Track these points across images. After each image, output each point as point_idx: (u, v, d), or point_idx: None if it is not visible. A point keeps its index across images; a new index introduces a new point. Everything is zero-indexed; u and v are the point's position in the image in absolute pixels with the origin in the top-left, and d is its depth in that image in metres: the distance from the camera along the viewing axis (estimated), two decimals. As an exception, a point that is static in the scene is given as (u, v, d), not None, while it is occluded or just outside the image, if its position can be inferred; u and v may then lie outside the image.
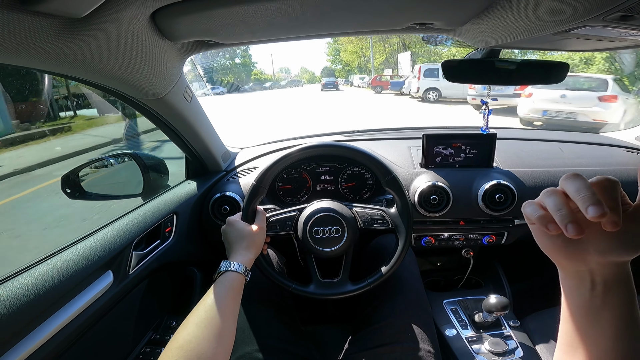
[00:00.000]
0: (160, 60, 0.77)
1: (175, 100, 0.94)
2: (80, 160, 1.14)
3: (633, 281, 0.38)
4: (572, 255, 0.39)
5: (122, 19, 0.55)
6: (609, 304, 0.37)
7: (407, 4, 0.64)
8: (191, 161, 1.29)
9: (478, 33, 0.74)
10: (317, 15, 0.68)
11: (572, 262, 0.39)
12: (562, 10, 0.52)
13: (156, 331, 1.12)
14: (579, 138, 1.56)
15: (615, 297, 0.37)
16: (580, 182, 0.34)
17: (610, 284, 0.37)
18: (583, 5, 0.49)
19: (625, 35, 0.62)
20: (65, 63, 0.58)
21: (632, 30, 0.57)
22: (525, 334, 1.11)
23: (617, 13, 0.48)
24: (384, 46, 31.70)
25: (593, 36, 0.63)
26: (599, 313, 0.38)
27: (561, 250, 0.39)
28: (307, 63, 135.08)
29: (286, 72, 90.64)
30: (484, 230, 1.30)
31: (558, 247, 0.39)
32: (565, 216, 0.34)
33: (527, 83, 0.94)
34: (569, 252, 0.39)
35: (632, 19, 0.50)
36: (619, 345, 0.37)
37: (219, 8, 0.59)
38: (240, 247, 0.84)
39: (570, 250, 0.39)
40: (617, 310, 0.37)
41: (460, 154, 1.30)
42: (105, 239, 0.84)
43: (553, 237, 0.39)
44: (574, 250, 0.38)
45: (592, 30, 0.58)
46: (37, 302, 0.64)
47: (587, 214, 0.32)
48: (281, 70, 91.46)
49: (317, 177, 1.35)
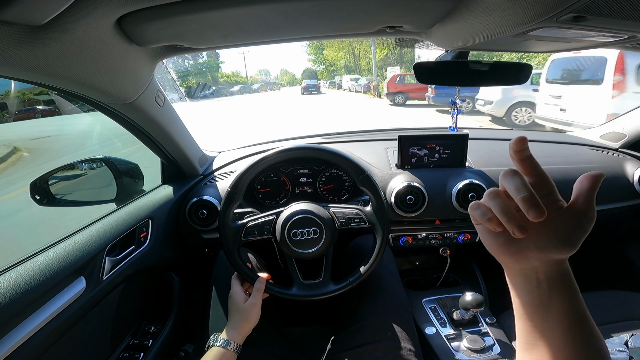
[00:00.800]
0: (128, 65, 0.76)
1: (146, 104, 0.93)
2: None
3: (574, 278, 0.40)
4: (515, 253, 0.40)
5: (85, 25, 0.54)
6: (556, 300, 0.39)
7: (375, 9, 0.65)
8: (167, 165, 1.27)
9: (445, 35, 0.77)
10: (288, 21, 0.69)
11: (516, 261, 0.41)
12: (518, 13, 0.54)
13: (134, 336, 1.11)
14: (546, 137, 1.61)
15: (561, 293, 0.39)
16: (517, 181, 0.36)
17: (554, 280, 0.39)
18: (536, 7, 0.51)
19: (580, 36, 0.65)
20: (26, 69, 0.57)
21: (587, 31, 0.60)
22: (502, 330, 1.13)
23: (569, 14, 0.50)
24: (385, 40, 22.24)
25: (550, 37, 0.65)
26: (547, 309, 0.39)
27: (505, 249, 0.41)
28: (288, 64, 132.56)
29: (265, 74, 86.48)
30: (459, 229, 1.33)
31: (502, 246, 0.41)
32: (510, 219, 0.36)
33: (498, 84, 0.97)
34: (512, 251, 0.40)
35: (585, 20, 0.52)
36: (571, 341, 0.38)
37: (188, 14, 0.59)
38: (233, 322, 0.86)
39: (513, 249, 0.40)
40: (564, 306, 0.39)
41: (435, 155, 1.33)
42: (77, 245, 0.83)
43: (496, 235, 0.41)
44: (516, 249, 0.40)
45: (549, 32, 0.60)
46: (5, 310, 0.63)
47: (529, 216, 0.34)
48: (260, 73, 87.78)
49: (295, 180, 1.35)
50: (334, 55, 36.96)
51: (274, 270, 1.10)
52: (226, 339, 0.82)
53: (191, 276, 1.34)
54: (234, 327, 0.85)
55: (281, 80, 76.14)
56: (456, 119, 1.17)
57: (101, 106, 0.86)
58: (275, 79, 79.23)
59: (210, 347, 0.82)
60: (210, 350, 0.81)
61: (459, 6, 0.60)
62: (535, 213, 0.34)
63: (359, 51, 32.32)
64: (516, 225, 0.36)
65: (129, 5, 0.54)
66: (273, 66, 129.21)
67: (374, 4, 0.63)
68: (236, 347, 0.82)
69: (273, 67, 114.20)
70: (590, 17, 0.51)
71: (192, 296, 1.31)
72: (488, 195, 0.39)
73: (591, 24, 0.54)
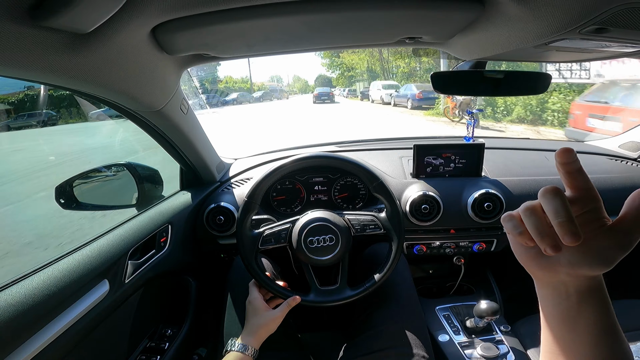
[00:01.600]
0: (158, 73, 0.79)
1: (172, 112, 0.96)
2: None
3: (606, 290, 0.38)
4: (545, 266, 0.39)
5: (124, 33, 0.57)
6: (584, 312, 0.38)
7: (397, 20, 0.67)
8: (185, 172, 1.30)
9: (464, 46, 0.78)
10: (311, 31, 0.71)
11: (545, 273, 0.40)
12: (541, 24, 0.55)
13: (151, 339, 1.12)
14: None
15: (590, 306, 0.38)
16: (557, 203, 0.34)
17: (584, 294, 0.38)
18: (560, 19, 0.52)
19: (602, 47, 0.66)
20: (69, 77, 0.59)
21: (608, 42, 0.60)
22: (517, 339, 1.12)
23: (592, 26, 0.51)
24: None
25: (571, 48, 0.66)
26: (575, 321, 0.39)
27: (535, 261, 0.40)
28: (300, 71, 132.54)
29: (277, 80, 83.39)
30: (474, 238, 1.32)
31: (532, 258, 0.40)
32: (544, 239, 0.35)
33: (513, 93, 0.97)
34: (542, 264, 0.39)
35: (607, 32, 0.53)
36: (598, 351, 0.37)
37: (218, 24, 0.61)
38: (250, 327, 0.87)
39: (544, 262, 0.39)
40: (593, 318, 0.38)
41: (450, 164, 1.34)
42: (101, 248, 0.85)
43: (528, 248, 0.40)
44: (547, 263, 0.39)
45: (570, 43, 0.61)
46: (34, 310, 0.64)
47: (564, 241, 0.33)
48: (272, 79, 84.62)
49: (310, 188, 1.36)
50: (352, 59, 30.13)
51: (288, 276, 1.11)
52: (244, 344, 0.83)
53: (206, 281, 1.36)
54: (250, 332, 0.86)
55: (293, 88, 72.84)
56: (472, 129, 1.16)
57: (130, 113, 0.89)
58: (287, 86, 75.23)
59: (228, 351, 0.83)
60: (229, 355, 0.82)
61: (480, 17, 0.62)
62: (570, 239, 0.33)
63: (387, 53, 24.73)
64: (549, 244, 0.34)
65: (165, 15, 0.56)
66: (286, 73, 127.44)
67: (396, 16, 0.65)
68: (254, 352, 0.83)
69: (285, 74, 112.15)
70: (612, 29, 0.52)
71: (206, 301, 1.33)
72: (523, 211, 0.37)
73: (613, 35, 0.54)
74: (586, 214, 0.36)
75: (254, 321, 0.87)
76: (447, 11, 0.61)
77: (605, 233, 0.36)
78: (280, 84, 75.88)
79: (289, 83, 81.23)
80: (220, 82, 42.95)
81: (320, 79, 54.23)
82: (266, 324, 0.87)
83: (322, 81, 48.49)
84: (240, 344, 0.83)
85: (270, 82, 78.72)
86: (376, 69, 28.11)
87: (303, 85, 76.26)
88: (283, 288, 0.96)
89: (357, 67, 31.41)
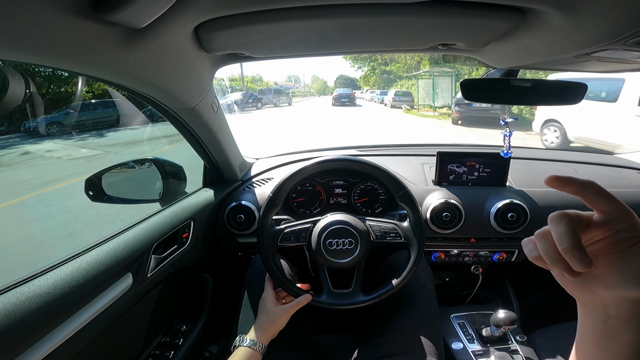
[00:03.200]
0: (195, 71, 0.80)
1: (204, 110, 0.97)
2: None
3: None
4: (583, 288, 0.38)
5: (172, 30, 0.58)
6: (622, 335, 0.36)
7: (432, 26, 0.66)
8: (209, 169, 1.32)
9: (499, 54, 0.77)
10: (346, 35, 0.71)
11: (584, 295, 0.38)
12: (585, 35, 0.54)
13: (166, 334, 1.14)
14: (592, 159, 1.56)
15: (630, 329, 0.36)
16: (561, 229, 0.34)
17: (625, 318, 0.36)
18: (605, 30, 0.51)
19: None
20: (117, 71, 0.61)
21: None
22: (532, 349, 1.11)
23: (638, 37, 0.50)
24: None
25: (613, 59, 0.65)
26: (611, 343, 0.37)
27: (573, 283, 0.38)
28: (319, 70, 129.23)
29: (295, 80, 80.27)
30: (494, 248, 1.30)
31: (567, 281, 0.39)
32: (555, 264, 0.35)
33: (541, 103, 0.95)
34: (579, 287, 0.38)
35: None
36: None
37: (255, 24, 0.62)
38: (259, 323, 0.88)
39: (579, 284, 0.38)
40: (631, 340, 0.36)
41: (474, 173, 1.32)
42: (127, 242, 0.86)
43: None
44: (583, 285, 0.37)
45: (613, 54, 0.60)
46: (61, 300, 0.66)
47: (574, 268, 0.33)
48: (290, 79, 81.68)
49: (330, 191, 1.37)
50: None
51: (304, 278, 1.11)
52: (253, 340, 0.84)
53: (222, 279, 1.37)
54: (259, 327, 0.87)
55: (310, 89, 69.35)
56: (509, 141, 1.09)
57: (166, 110, 0.91)
58: (305, 86, 72.40)
59: (237, 347, 0.84)
60: (238, 350, 0.83)
61: (519, 27, 0.61)
62: (577, 266, 0.33)
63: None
64: (562, 269, 0.34)
65: (210, 13, 0.57)
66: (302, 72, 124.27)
67: (433, 23, 0.64)
68: (262, 348, 0.84)
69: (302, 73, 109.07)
70: None
71: (219, 298, 1.34)
72: (536, 237, 0.37)
73: None
74: (618, 233, 0.35)
75: (263, 318, 0.88)
76: (485, 19, 0.60)
77: (634, 253, 0.34)
78: (298, 84, 70.90)
79: (307, 84, 76.04)
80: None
81: (341, 79, 50.03)
82: (274, 320, 0.88)
83: (343, 81, 43.83)
84: (249, 339, 0.84)
85: (288, 81, 74.46)
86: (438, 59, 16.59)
87: (321, 85, 71.34)
88: (295, 286, 0.97)
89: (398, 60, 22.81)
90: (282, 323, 0.89)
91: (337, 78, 53.76)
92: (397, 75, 24.60)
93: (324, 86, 69.63)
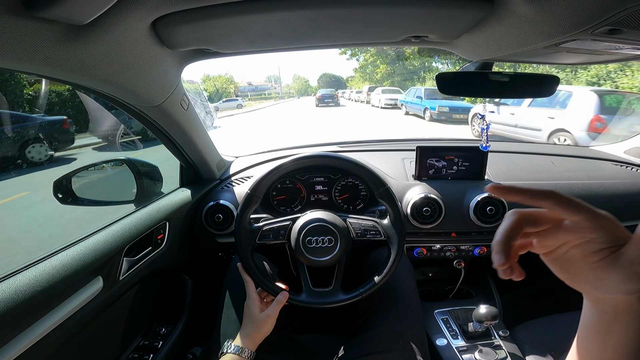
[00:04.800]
0: (158, 68, 0.78)
1: (172, 108, 0.95)
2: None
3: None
4: (579, 288, 0.38)
5: (123, 26, 0.56)
6: (617, 329, 0.37)
7: (403, 18, 0.65)
8: (185, 169, 1.29)
9: (472, 46, 0.76)
10: (315, 27, 0.69)
11: (582, 291, 0.39)
12: (552, 24, 0.54)
13: (145, 337, 1.12)
14: (568, 152, 1.59)
15: (623, 325, 0.36)
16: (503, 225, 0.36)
17: (621, 311, 0.36)
18: (572, 19, 0.50)
19: (613, 49, 0.64)
20: (65, 69, 0.58)
21: (620, 44, 0.59)
22: (515, 344, 1.12)
23: (605, 27, 0.50)
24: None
25: (582, 49, 0.64)
26: (606, 337, 0.38)
27: (566, 280, 0.39)
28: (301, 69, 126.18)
29: (275, 81, 74.84)
30: (475, 242, 1.31)
31: (561, 275, 0.39)
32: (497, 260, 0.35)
33: (519, 96, 0.95)
34: (573, 283, 0.38)
35: (620, 33, 0.52)
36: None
37: (219, 18, 0.60)
38: (246, 330, 0.87)
39: (576, 283, 0.38)
40: (627, 335, 0.36)
41: (453, 167, 1.32)
42: (96, 244, 0.84)
43: (553, 264, 0.39)
44: (578, 284, 0.38)
45: (581, 44, 0.60)
46: (25, 306, 0.63)
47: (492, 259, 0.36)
48: (269, 80, 75.76)
49: (311, 188, 1.35)
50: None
51: (285, 278, 1.10)
52: (239, 346, 0.82)
53: (202, 280, 1.35)
54: (245, 335, 0.85)
55: (290, 89, 64.94)
56: (486, 134, 1.08)
57: (129, 108, 0.88)
58: (285, 87, 67.29)
59: (224, 353, 0.82)
60: (224, 357, 0.81)
61: (488, 17, 0.60)
62: (496, 260, 0.35)
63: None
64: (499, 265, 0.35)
65: (165, 8, 0.55)
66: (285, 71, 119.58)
67: (402, 14, 0.63)
68: (249, 354, 0.82)
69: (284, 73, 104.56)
70: (626, 30, 0.50)
71: (202, 300, 1.32)
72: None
73: (626, 37, 0.53)
74: (589, 243, 0.35)
75: (249, 325, 0.87)
76: (454, 9, 0.60)
77: (609, 264, 0.34)
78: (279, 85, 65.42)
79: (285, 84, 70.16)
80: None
81: (324, 78, 47.39)
82: (260, 327, 0.86)
83: (327, 81, 41.56)
84: (236, 346, 0.83)
85: (267, 82, 69.28)
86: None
87: (302, 85, 65.28)
88: (272, 284, 0.95)
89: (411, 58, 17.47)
90: (269, 328, 0.88)
91: (321, 77, 51.41)
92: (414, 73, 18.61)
93: (305, 85, 64.85)
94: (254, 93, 49.18)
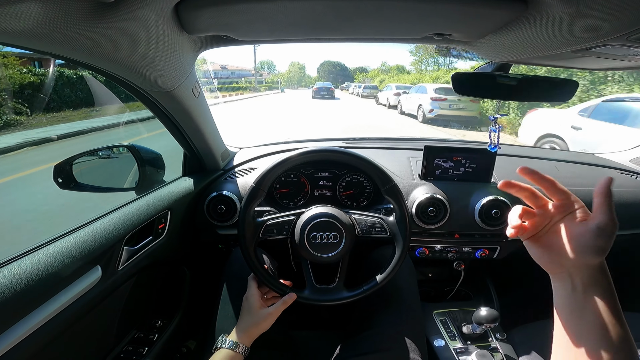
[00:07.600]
0: (175, 53, 0.75)
1: (183, 94, 0.92)
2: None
3: (611, 282, 0.44)
4: (552, 261, 0.48)
5: (148, 7, 0.54)
6: (590, 303, 0.43)
7: (431, 14, 0.63)
8: (189, 157, 1.26)
9: (495, 47, 0.74)
10: (338, 19, 0.67)
11: (553, 267, 0.48)
12: (587, 28, 0.52)
13: (140, 330, 1.10)
14: (574, 158, 1.59)
15: (595, 296, 0.43)
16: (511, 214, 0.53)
17: (588, 285, 0.44)
18: (610, 24, 0.49)
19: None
20: (84, 49, 0.56)
21: None
22: (511, 347, 1.12)
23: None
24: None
25: (611, 55, 0.63)
26: (582, 311, 0.44)
27: (542, 257, 0.49)
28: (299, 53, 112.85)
29: (269, 68, 67.98)
30: (477, 244, 1.30)
31: (540, 254, 0.49)
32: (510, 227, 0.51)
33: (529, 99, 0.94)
34: (550, 259, 0.48)
35: None
36: (607, 338, 0.42)
37: (243, 2, 0.57)
38: (243, 324, 0.84)
39: (550, 257, 0.48)
40: (598, 308, 0.43)
41: (460, 168, 1.31)
42: (96, 233, 0.81)
43: (535, 244, 0.50)
44: (551, 257, 0.48)
45: (612, 49, 0.58)
46: (23, 294, 0.61)
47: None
48: (261, 66, 67.36)
49: (315, 182, 1.33)
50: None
51: (285, 272, 1.08)
52: (235, 341, 0.80)
53: (201, 272, 1.33)
54: (243, 329, 0.83)
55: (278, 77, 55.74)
56: (498, 136, 1.07)
57: (140, 92, 0.85)
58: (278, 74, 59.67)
59: (218, 348, 0.80)
60: (219, 352, 0.79)
61: (519, 18, 0.58)
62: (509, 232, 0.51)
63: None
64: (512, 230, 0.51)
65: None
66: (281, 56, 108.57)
67: (431, 10, 0.61)
68: (244, 350, 0.80)
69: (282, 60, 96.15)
70: None
71: (199, 292, 1.30)
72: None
73: None
74: (571, 214, 0.47)
75: (247, 319, 0.85)
76: (484, 8, 0.58)
77: (584, 226, 0.45)
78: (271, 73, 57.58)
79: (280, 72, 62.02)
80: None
81: (325, 66, 42.23)
82: (258, 322, 0.84)
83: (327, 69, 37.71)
84: (230, 341, 0.81)
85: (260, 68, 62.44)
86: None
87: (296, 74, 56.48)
88: (279, 282, 0.93)
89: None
90: (267, 325, 0.86)
91: (322, 64, 46.41)
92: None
93: (300, 74, 56.30)
94: (226, 81, 39.94)
